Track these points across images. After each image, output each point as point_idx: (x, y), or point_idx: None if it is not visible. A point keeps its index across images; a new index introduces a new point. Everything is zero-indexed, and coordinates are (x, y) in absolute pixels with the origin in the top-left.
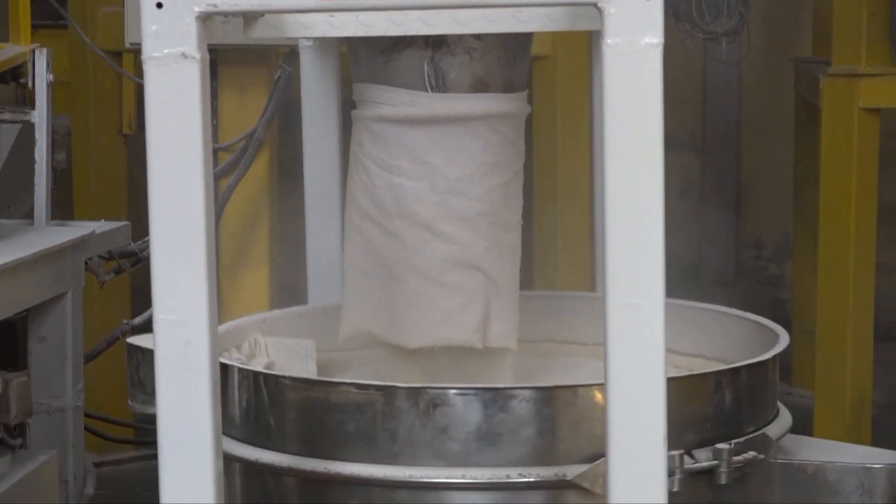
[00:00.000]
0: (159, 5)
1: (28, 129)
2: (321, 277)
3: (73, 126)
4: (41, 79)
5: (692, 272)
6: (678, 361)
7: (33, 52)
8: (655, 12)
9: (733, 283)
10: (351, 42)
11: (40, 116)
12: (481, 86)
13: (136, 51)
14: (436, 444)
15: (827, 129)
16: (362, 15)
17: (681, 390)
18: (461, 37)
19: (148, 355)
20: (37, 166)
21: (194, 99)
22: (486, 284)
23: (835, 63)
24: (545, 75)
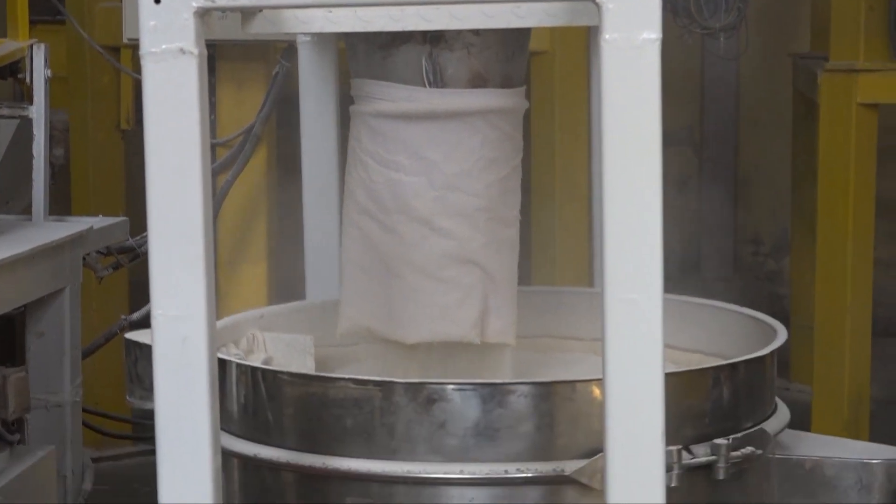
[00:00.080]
0: (157, 1)
1: (26, 124)
2: (319, 273)
3: (71, 121)
4: (39, 74)
5: (690, 267)
6: (676, 357)
7: (31, 47)
8: (653, 8)
9: (731, 279)
10: (349, 37)
11: (38, 112)
12: (479, 81)
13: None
14: (434, 439)
15: (825, 124)
16: (360, 10)
17: (679, 386)
18: (459, 32)
19: (146, 351)
20: (34, 162)
21: (192, 94)
22: (484, 280)
23: (833, 58)
24: (543, 71)
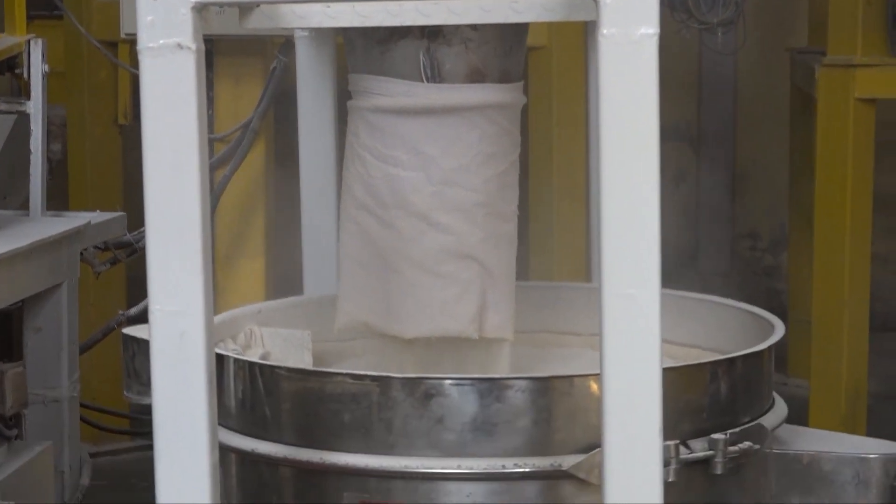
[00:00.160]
0: None
1: (23, 119)
2: (317, 268)
3: (69, 116)
4: (37, 69)
5: (688, 262)
6: (674, 352)
7: (29, 42)
8: (651, 2)
9: (729, 274)
10: (347, 32)
11: (36, 107)
12: (477, 76)
13: (132, 41)
14: (431, 434)
15: (822, 119)
16: (358, 5)
17: (676, 380)
18: (457, 27)
19: (143, 346)
20: (32, 157)
21: (190, 89)
22: (482, 275)
23: (830, 53)
24: (541, 66)
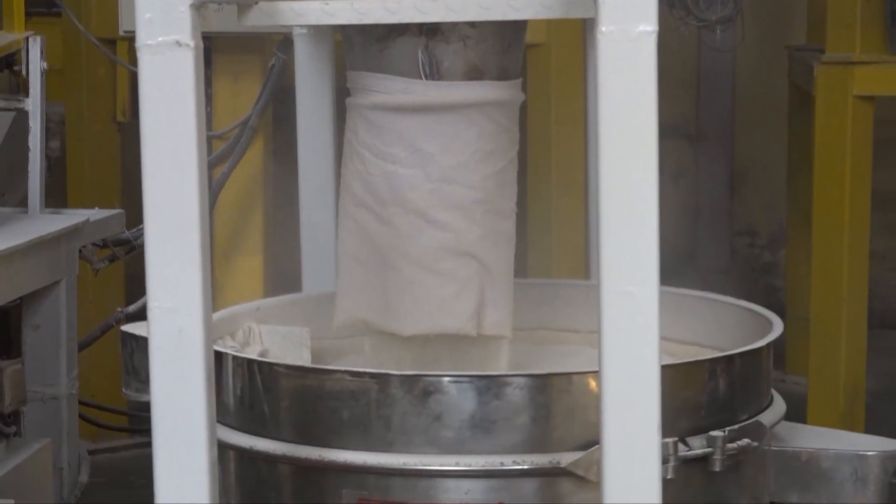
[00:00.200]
0: None
1: (22, 116)
2: (315, 265)
3: (67, 114)
4: (35, 66)
5: (686, 259)
6: (672, 349)
7: (27, 39)
8: (650, 0)
9: (727, 271)
10: (345, 30)
11: (34, 104)
12: (475, 73)
13: (131, 38)
14: (430, 431)
15: (821, 116)
16: (357, 2)
17: (675, 378)
18: (455, 24)
19: (142, 343)
20: (31, 154)
21: (188, 87)
22: (480, 272)
23: (829, 51)
24: (539, 63)
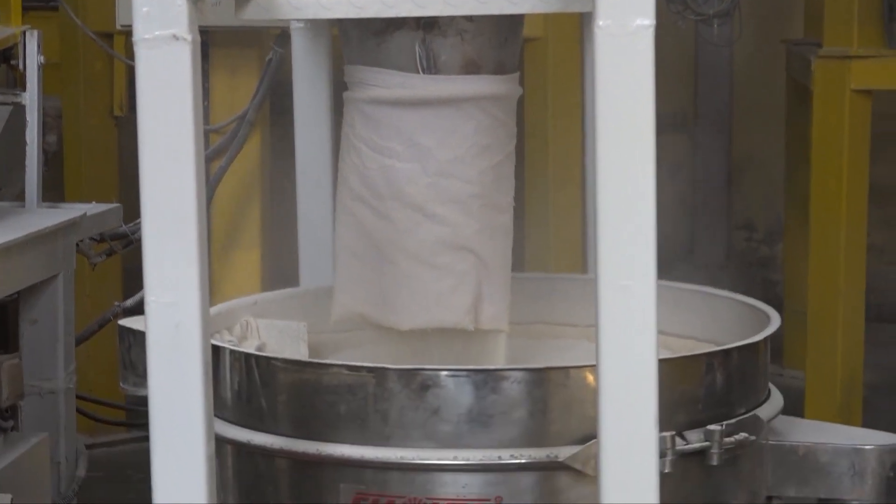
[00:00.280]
0: None
1: (19, 111)
2: (313, 259)
3: (64, 108)
4: (32, 60)
5: (684, 254)
6: (670, 343)
7: (24, 33)
8: None
9: (725, 265)
10: (342, 24)
11: (31, 98)
12: (473, 68)
13: (128, 32)
14: (427, 425)
15: (818, 110)
16: None
17: (672, 372)
18: (453, 18)
19: (139, 337)
20: (28, 148)
21: (185, 81)
22: (477, 266)
23: (826, 45)
24: (537, 57)
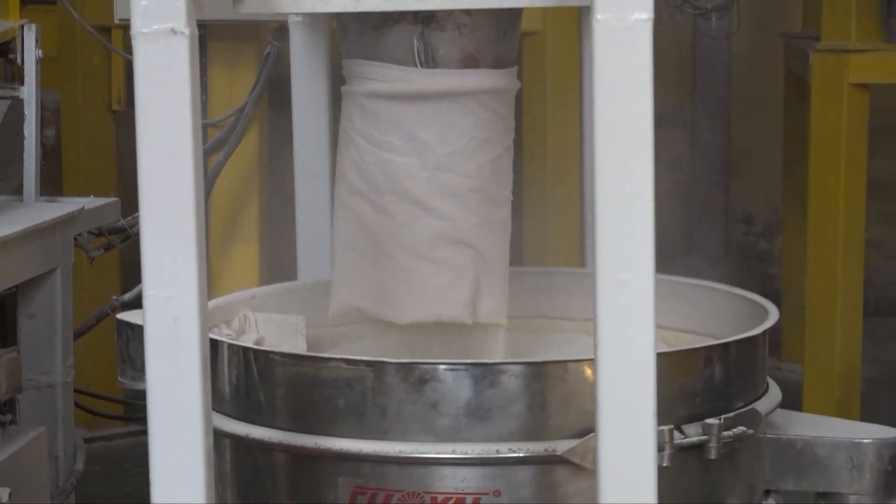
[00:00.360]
0: None
1: (17, 105)
2: (311, 253)
3: (63, 102)
4: (30, 55)
5: (682, 248)
6: (668, 337)
7: (22, 27)
8: None
9: (723, 259)
10: (341, 17)
11: (29, 92)
12: (471, 61)
13: (126, 26)
14: (426, 419)
15: (816, 104)
16: None
17: (670, 365)
18: (451, 12)
19: (137, 331)
20: (26, 142)
21: (183, 75)
22: (476, 260)
23: (824, 38)
24: (535, 51)
